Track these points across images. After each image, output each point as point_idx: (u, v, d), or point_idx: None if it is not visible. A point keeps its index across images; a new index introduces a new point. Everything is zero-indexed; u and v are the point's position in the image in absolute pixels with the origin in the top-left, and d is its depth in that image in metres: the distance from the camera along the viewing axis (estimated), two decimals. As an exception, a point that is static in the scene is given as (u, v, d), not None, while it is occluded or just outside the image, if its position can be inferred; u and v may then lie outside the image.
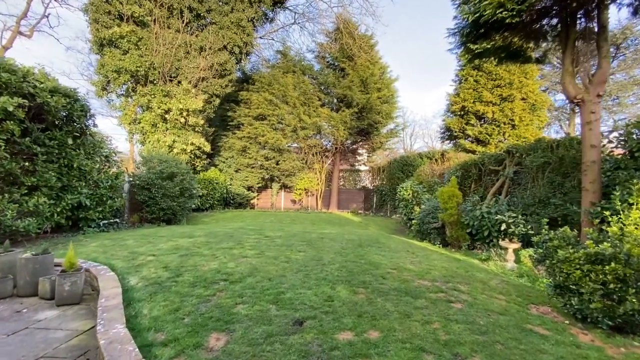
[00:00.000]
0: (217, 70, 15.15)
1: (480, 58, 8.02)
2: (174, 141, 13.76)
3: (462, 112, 16.30)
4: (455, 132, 16.44)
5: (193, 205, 14.43)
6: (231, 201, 19.73)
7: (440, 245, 8.81)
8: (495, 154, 11.52)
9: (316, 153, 21.68)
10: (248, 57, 17.71)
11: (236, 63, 16.22)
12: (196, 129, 14.74)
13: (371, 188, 22.64)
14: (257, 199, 22.73)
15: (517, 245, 6.53)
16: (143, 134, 14.14)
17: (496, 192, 10.72)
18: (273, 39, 23.71)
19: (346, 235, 8.57)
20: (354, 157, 25.31)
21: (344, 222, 15.13)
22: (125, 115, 14.12)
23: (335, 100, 20.28)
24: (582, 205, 6.15)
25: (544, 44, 8.33)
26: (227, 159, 19.78)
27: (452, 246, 8.69)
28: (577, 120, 30.51)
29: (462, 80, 16.58)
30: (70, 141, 7.55)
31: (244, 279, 4.53)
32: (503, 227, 7.73)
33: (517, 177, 9.61)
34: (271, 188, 22.41)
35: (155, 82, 13.87)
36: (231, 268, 5.00)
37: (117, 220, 10.83)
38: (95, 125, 8.52)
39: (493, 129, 15.19)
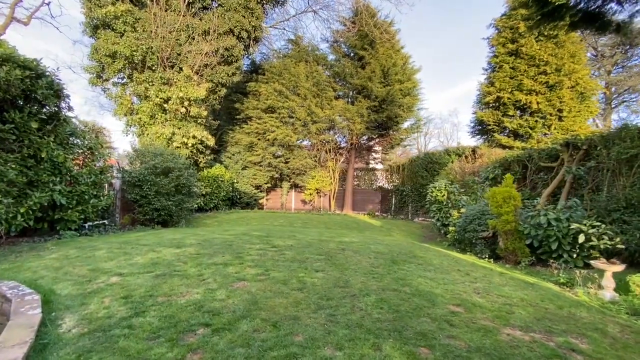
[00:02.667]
0: (222, 56, 13.69)
1: (553, 18, 6.18)
2: (173, 133, 12.33)
3: (498, 104, 14.36)
4: (490, 125, 14.52)
5: (195, 205, 13.01)
6: (238, 201, 18.29)
7: (491, 260, 7.07)
8: (547, 148, 9.68)
9: (329, 150, 20.05)
10: (257, 44, 16.21)
11: (244, 49, 14.74)
12: (199, 121, 13.30)
13: (389, 188, 20.84)
14: (266, 199, 21.25)
15: (620, 267, 4.75)
16: (140, 126, 12.78)
17: (551, 194, 8.88)
18: (284, 29, 22.20)
19: (372, 246, 6.92)
20: (370, 155, 23.57)
21: (363, 226, 13.45)
22: (121, 105, 12.79)
23: (351, 92, 18.59)
24: None
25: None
26: (233, 154, 18.35)
27: (506, 261, 6.93)
28: (614, 116, 27.94)
29: (497, 68, 14.66)
30: (34, 125, 6.13)
31: (235, 323, 2.94)
32: (581, 238, 5.93)
33: (583, 175, 7.76)
34: (281, 187, 20.89)
35: (153, 68, 12.49)
36: (220, 301, 3.42)
37: (105, 222, 9.48)
38: (70, 109, 7.09)
39: (536, 121, 13.20)
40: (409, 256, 6.21)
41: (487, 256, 7.24)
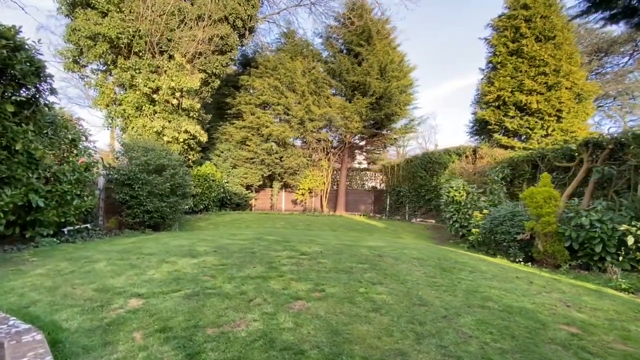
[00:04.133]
0: (217, 44, 12.62)
1: (603, 6, 5.89)
2: (163, 127, 11.13)
3: (498, 103, 14.31)
4: (491, 125, 14.45)
5: (186, 207, 11.86)
6: (228, 202, 17.14)
7: (528, 263, 6.68)
8: (563, 148, 9.55)
9: (323, 149, 19.38)
10: (252, 35, 15.21)
11: (238, 39, 13.73)
12: (191, 114, 12.15)
13: (383, 188, 20.47)
14: (255, 199, 20.20)
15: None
16: (124, 119, 11.45)
17: (571, 195, 8.69)
18: (275, 22, 21.19)
19: (405, 251, 6.33)
20: (362, 155, 23.19)
21: (367, 228, 12.88)
22: (103, 94, 11.37)
23: (347, 89, 17.99)
24: None
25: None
26: (222, 152, 17.19)
27: (542, 264, 6.56)
28: (589, 120, 29.29)
29: (497, 67, 14.64)
30: (9, 109, 4.99)
31: (332, 366, 2.19)
32: (630, 240, 5.64)
33: (615, 174, 7.56)
34: (271, 187, 19.94)
35: (141, 54, 11.21)
36: (290, 331, 2.64)
37: (88, 226, 8.26)
38: (53, 92, 5.95)
39: (536, 121, 13.25)
40: (451, 262, 5.67)
41: (521, 259, 6.85)
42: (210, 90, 13.34)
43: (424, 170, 15.92)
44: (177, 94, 11.33)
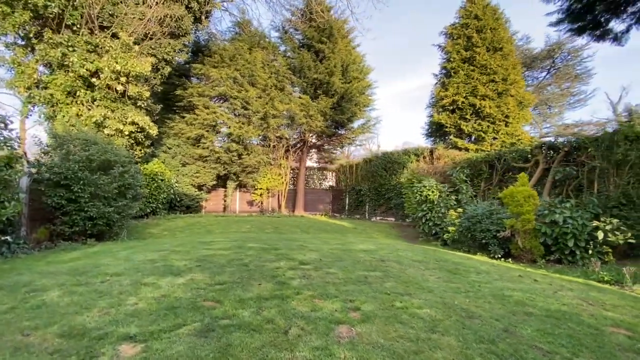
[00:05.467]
0: (169, 26, 11.11)
1: (578, 19, 6.41)
2: (104, 117, 9.35)
3: (454, 107, 15.19)
4: (447, 128, 15.27)
5: (133, 211, 10.26)
6: (177, 204, 15.44)
7: (509, 260, 6.97)
8: (519, 149, 10.33)
9: (282, 146, 18.67)
10: (208, 19, 13.80)
11: (193, 22, 12.32)
12: (138, 103, 10.46)
13: (342, 188, 20.47)
14: (206, 201, 18.60)
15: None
16: (52, 106, 9.37)
17: (529, 193, 9.41)
18: (227, 10, 19.75)
19: (401, 253, 6.15)
20: (319, 154, 22.96)
21: (336, 228, 12.59)
22: (22, 74, 9.13)
23: (309, 87, 17.48)
24: None
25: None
26: (170, 148, 15.42)
27: (520, 260, 6.91)
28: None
29: (451, 73, 15.53)
30: None
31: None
32: (600, 235, 6.17)
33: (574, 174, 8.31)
34: (225, 187, 18.56)
35: (75, 28, 9.24)
36: (363, 371, 2.12)
37: (8, 238, 6.54)
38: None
39: (488, 125, 14.37)
40: (450, 263, 5.61)
41: (500, 256, 7.14)
42: (161, 77, 11.73)
43: (384, 170, 16.22)
44: (123, 79, 9.65)
